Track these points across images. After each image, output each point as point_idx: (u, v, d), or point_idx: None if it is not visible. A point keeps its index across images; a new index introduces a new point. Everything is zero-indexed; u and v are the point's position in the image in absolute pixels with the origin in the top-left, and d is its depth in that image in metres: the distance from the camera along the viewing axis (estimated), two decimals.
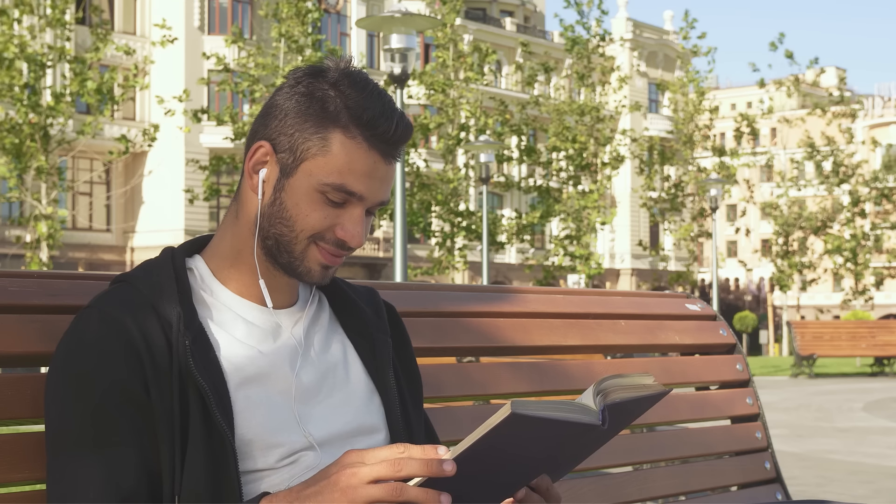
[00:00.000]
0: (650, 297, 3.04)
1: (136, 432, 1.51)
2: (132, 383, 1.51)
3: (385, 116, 1.60)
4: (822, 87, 46.78)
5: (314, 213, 1.60)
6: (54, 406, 1.54)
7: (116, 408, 1.51)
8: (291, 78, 1.65)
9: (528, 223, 31.66)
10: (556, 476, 1.61)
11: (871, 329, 25.03)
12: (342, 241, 1.62)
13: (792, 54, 38.48)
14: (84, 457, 1.49)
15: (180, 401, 1.52)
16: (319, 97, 1.61)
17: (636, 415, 1.58)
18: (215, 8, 41.53)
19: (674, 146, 38.78)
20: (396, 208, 12.21)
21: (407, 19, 11.85)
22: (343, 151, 1.59)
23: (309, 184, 1.60)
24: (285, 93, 1.63)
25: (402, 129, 1.62)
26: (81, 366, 1.53)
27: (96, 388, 1.51)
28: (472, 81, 31.17)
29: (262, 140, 1.63)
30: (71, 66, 23.56)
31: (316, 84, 1.62)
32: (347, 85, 1.61)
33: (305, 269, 1.63)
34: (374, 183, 1.61)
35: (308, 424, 1.61)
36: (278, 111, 1.63)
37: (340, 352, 1.72)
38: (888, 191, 42.75)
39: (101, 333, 1.53)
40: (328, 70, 1.63)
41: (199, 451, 1.51)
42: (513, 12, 57.32)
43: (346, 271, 39.79)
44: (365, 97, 1.61)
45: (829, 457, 10.09)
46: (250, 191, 1.64)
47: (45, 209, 23.74)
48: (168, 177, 39.38)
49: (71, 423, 1.51)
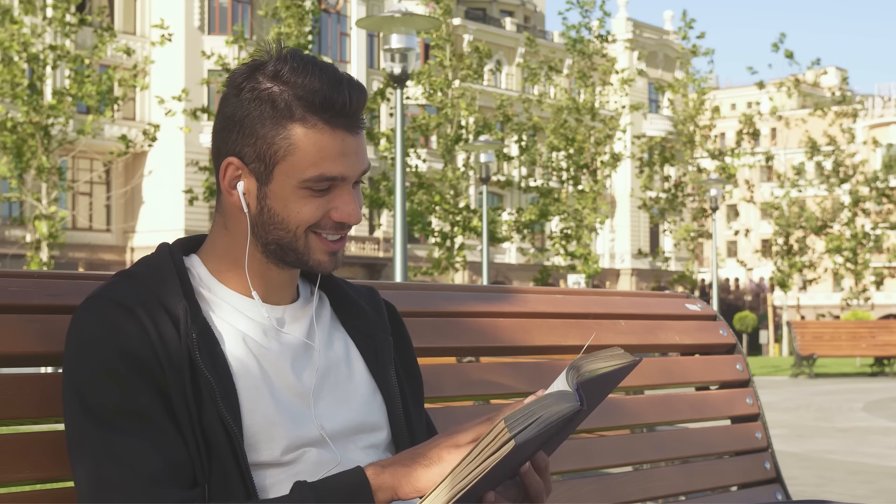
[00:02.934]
0: (650, 297, 3.04)
1: (165, 411, 1.51)
2: (151, 362, 1.51)
3: (336, 90, 1.58)
4: (822, 88, 46.80)
5: (305, 207, 1.60)
6: (73, 397, 1.52)
7: (143, 381, 1.50)
8: (233, 86, 1.62)
9: (527, 221, 31.66)
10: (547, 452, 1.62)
11: (871, 329, 25.01)
12: (340, 223, 1.62)
13: (792, 55, 38.48)
14: (122, 435, 1.48)
15: (193, 392, 1.52)
16: (266, 97, 1.59)
17: (610, 387, 1.59)
18: (215, 8, 41.53)
19: (674, 146, 38.78)
20: (396, 208, 12.20)
21: (407, 19, 11.85)
22: (310, 143, 1.58)
23: (289, 184, 1.59)
24: (233, 102, 1.61)
25: (357, 97, 1.61)
26: (98, 349, 1.51)
27: (119, 365, 1.50)
28: (470, 80, 31.15)
29: (229, 156, 1.62)
30: (69, 66, 23.55)
31: (257, 84, 1.59)
32: (288, 72, 1.59)
33: (315, 261, 1.63)
34: (349, 159, 1.61)
35: (312, 420, 1.62)
36: (233, 124, 1.61)
37: (343, 349, 1.72)
38: (889, 190, 42.75)
39: (112, 317, 1.53)
40: (264, 64, 1.61)
41: (209, 443, 1.52)
42: (513, 12, 57.30)
43: (346, 271, 39.78)
44: (309, 79, 1.58)
45: (829, 457, 10.09)
46: (233, 206, 1.63)
47: (45, 209, 23.74)
48: (168, 177, 39.38)
49: (96, 406, 1.50)
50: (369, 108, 28.50)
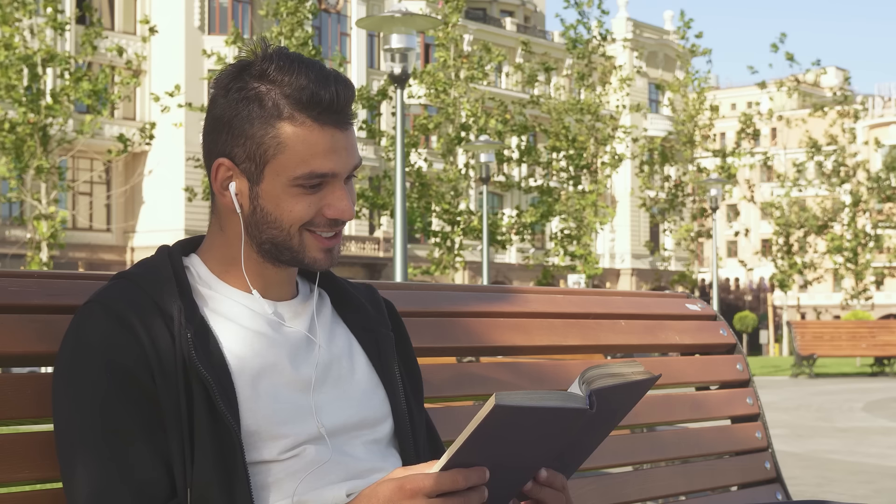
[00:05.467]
0: (650, 297, 3.04)
1: (148, 421, 1.52)
2: (140, 373, 1.52)
3: (322, 87, 1.58)
4: (823, 88, 46.81)
5: (297, 205, 1.60)
6: (63, 401, 1.54)
7: (127, 398, 1.51)
8: (220, 87, 1.62)
9: (527, 222, 31.66)
10: (566, 474, 1.61)
11: (871, 329, 25.00)
12: (334, 220, 1.62)
13: (793, 56, 38.49)
14: (98, 448, 1.50)
15: (185, 394, 1.52)
16: (254, 96, 1.59)
17: (629, 403, 1.57)
18: (215, 8, 41.51)
19: (674, 146, 38.78)
20: (396, 208, 12.20)
21: (407, 19, 11.85)
22: (298, 141, 1.58)
23: (280, 182, 1.59)
24: (221, 103, 1.61)
25: (345, 93, 1.61)
26: (88, 358, 1.53)
27: (105, 379, 1.51)
28: (473, 80, 31.14)
29: (219, 157, 1.62)
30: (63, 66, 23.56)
31: (244, 84, 1.60)
32: (274, 71, 1.59)
33: (311, 258, 1.64)
34: (339, 155, 1.60)
35: (312, 417, 1.62)
36: (222, 124, 1.61)
37: (345, 344, 1.72)
38: (889, 190, 42.76)
39: (106, 325, 1.54)
40: (251, 64, 1.61)
41: (207, 442, 1.51)
42: (513, 12, 57.29)
43: (346, 271, 39.78)
44: (295, 76, 1.58)
45: (829, 457, 10.08)
46: (226, 207, 1.64)
47: (45, 209, 23.74)
48: (168, 176, 39.37)
49: (82, 417, 1.51)
50: (371, 107, 28.51)
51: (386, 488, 1.44)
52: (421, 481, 1.42)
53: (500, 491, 1.50)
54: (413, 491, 1.42)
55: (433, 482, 1.41)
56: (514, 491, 1.54)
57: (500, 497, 1.51)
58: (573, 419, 1.45)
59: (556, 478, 1.55)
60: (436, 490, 1.41)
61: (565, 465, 1.58)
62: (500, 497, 1.51)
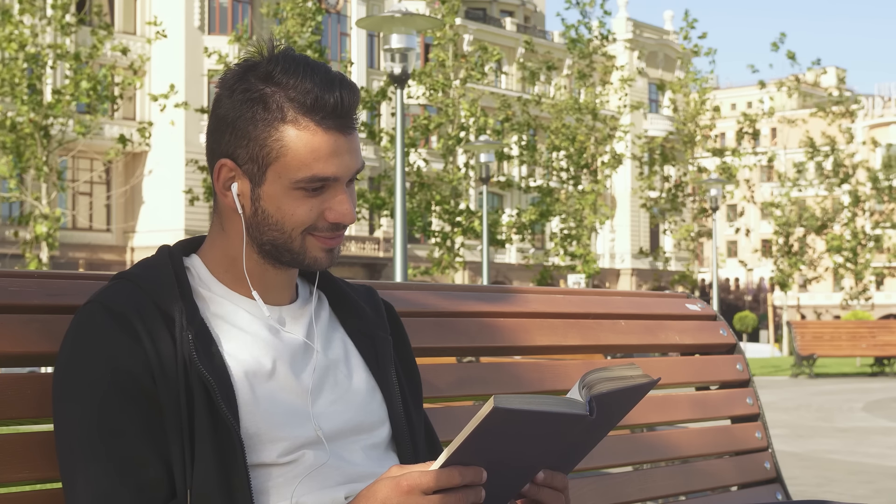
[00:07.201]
0: (650, 297, 3.04)
1: (149, 422, 1.51)
2: (140, 374, 1.52)
3: (327, 91, 1.58)
4: (823, 88, 46.81)
5: (299, 209, 1.60)
6: (63, 402, 1.54)
7: (127, 398, 1.51)
8: (225, 87, 1.61)
9: (527, 221, 31.65)
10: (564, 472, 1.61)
11: (871, 329, 25.00)
12: (335, 224, 1.62)
13: (794, 55, 38.47)
14: (98, 449, 1.49)
15: (186, 395, 1.52)
16: (258, 98, 1.58)
17: (628, 406, 1.57)
18: (215, 8, 41.51)
19: (674, 146, 38.77)
20: (396, 208, 12.20)
21: (407, 19, 11.85)
22: (301, 144, 1.58)
23: (282, 185, 1.59)
24: (225, 104, 1.61)
25: (349, 97, 1.60)
26: (88, 359, 1.53)
27: (105, 379, 1.51)
28: (472, 80, 31.14)
29: (222, 158, 1.62)
30: (69, 62, 23.57)
31: (249, 85, 1.59)
32: (280, 73, 1.58)
33: (311, 259, 1.63)
34: (342, 159, 1.60)
35: (310, 421, 1.61)
36: (226, 125, 1.61)
37: (342, 349, 1.72)
38: (890, 190, 42.75)
39: (106, 326, 1.53)
40: (256, 65, 1.60)
41: (207, 444, 1.51)
42: (513, 12, 57.29)
43: (346, 271, 39.79)
44: (300, 80, 1.58)
45: (829, 457, 10.08)
46: (228, 207, 1.64)
47: (44, 209, 23.74)
48: (168, 177, 39.37)
49: (82, 417, 1.51)
50: (371, 107, 28.50)
51: (383, 486, 1.45)
52: (417, 478, 1.42)
53: (498, 491, 1.50)
54: (410, 487, 1.42)
55: (430, 479, 1.41)
56: (512, 492, 1.54)
57: (497, 498, 1.51)
58: (572, 424, 1.45)
59: (555, 478, 1.56)
60: (432, 486, 1.42)
61: (562, 465, 1.58)
62: (498, 498, 1.51)
